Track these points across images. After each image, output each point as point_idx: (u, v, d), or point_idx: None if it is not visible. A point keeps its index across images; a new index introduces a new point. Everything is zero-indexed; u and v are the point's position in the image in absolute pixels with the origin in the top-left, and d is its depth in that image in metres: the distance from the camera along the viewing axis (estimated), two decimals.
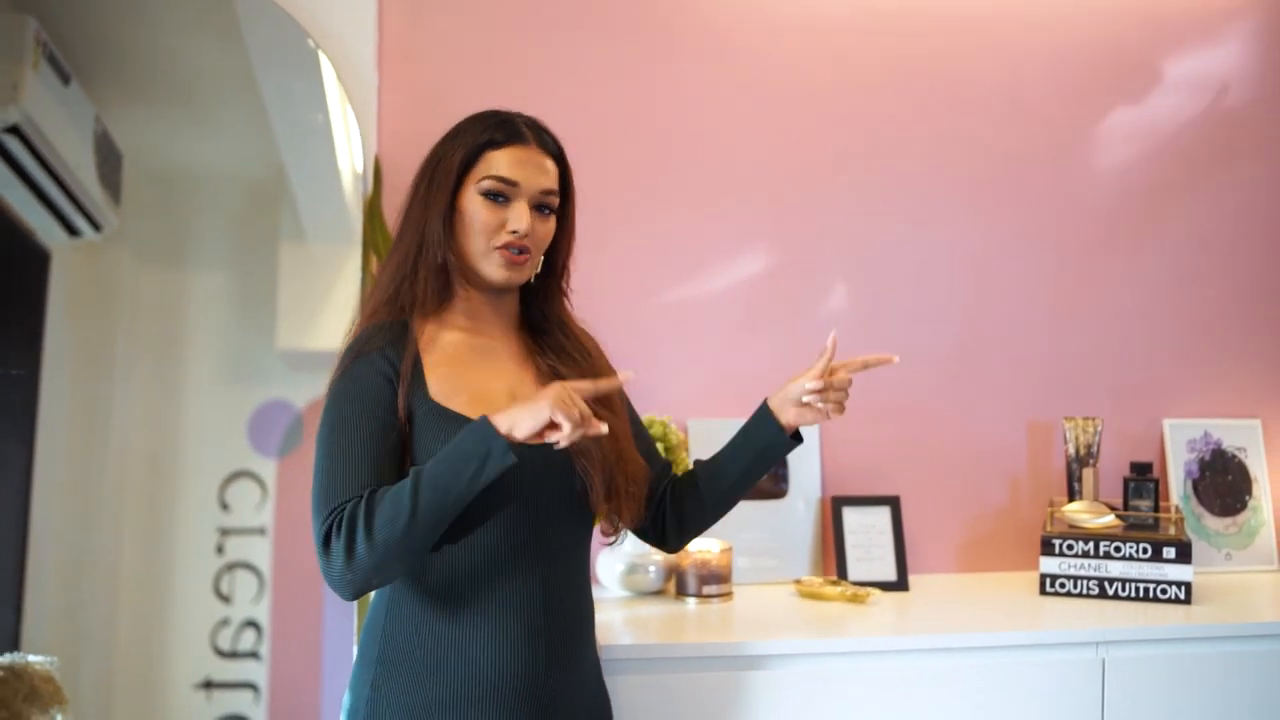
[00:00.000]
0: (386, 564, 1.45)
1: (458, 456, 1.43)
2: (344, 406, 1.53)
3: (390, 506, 1.43)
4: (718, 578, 2.20)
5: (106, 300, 2.46)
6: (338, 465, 1.49)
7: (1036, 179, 2.56)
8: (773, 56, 2.46)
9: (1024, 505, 2.53)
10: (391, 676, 1.55)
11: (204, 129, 2.47)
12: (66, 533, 2.41)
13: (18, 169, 2.33)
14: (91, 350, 2.44)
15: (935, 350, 2.52)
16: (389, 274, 1.64)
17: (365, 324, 1.62)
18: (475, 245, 1.61)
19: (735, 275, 2.45)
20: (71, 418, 2.42)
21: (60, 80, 2.37)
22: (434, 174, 1.62)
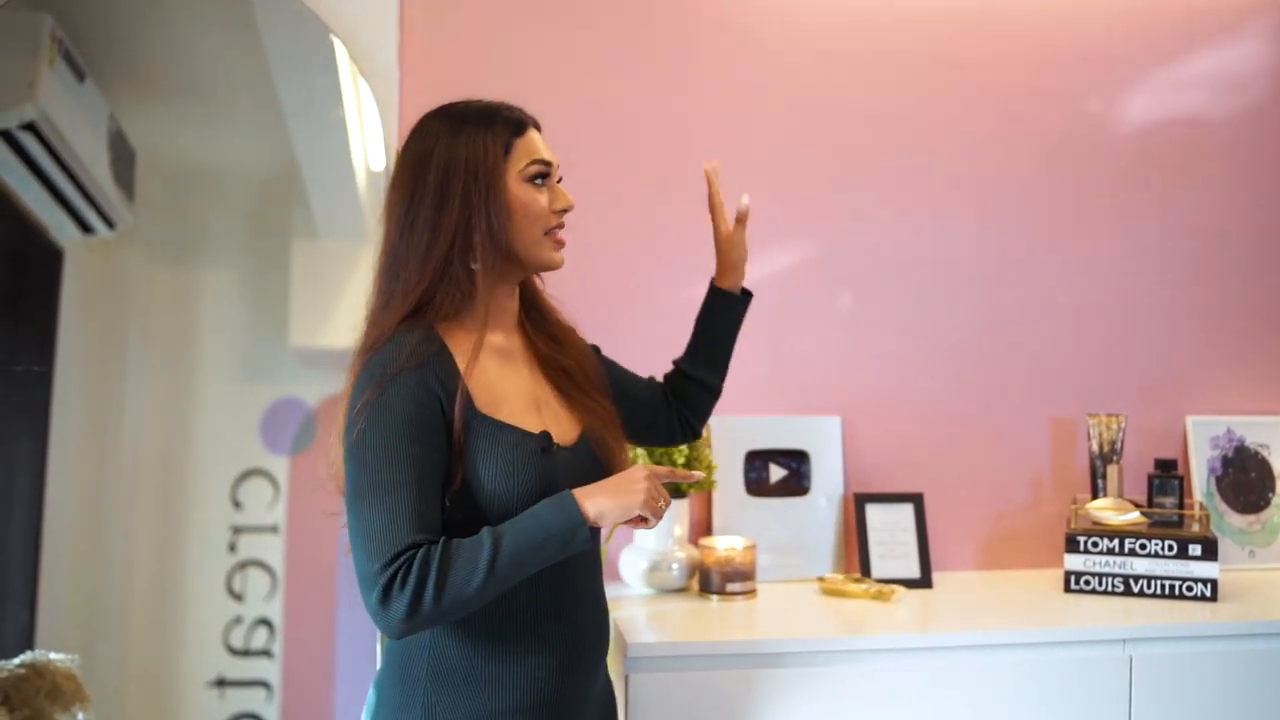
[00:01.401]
0: (444, 619, 1.42)
1: (541, 536, 1.42)
2: (395, 432, 1.43)
3: (464, 569, 1.39)
4: (741, 575, 2.20)
5: (119, 297, 2.46)
6: (396, 503, 1.40)
7: (1059, 174, 2.55)
8: (793, 52, 2.45)
9: (1047, 502, 2.52)
10: (445, 693, 1.50)
11: (218, 126, 2.47)
12: (80, 530, 2.41)
13: (32, 166, 2.33)
14: (104, 347, 2.44)
15: (957, 347, 2.51)
16: (415, 277, 1.53)
17: (389, 334, 1.51)
18: (531, 233, 1.57)
19: (753, 272, 2.38)
20: (84, 415, 2.42)
21: (75, 77, 2.37)
22: (473, 170, 1.53)
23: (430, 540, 1.41)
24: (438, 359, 1.49)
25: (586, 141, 2.38)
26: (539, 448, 1.52)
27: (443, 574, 1.38)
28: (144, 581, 2.43)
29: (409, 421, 1.44)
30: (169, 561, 2.46)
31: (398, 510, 1.40)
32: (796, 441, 2.42)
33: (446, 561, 1.39)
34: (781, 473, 2.41)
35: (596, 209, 2.34)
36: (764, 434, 2.41)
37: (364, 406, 1.44)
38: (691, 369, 1.92)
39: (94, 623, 2.42)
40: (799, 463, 2.42)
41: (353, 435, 1.44)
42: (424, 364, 1.47)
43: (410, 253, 1.53)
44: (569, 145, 2.32)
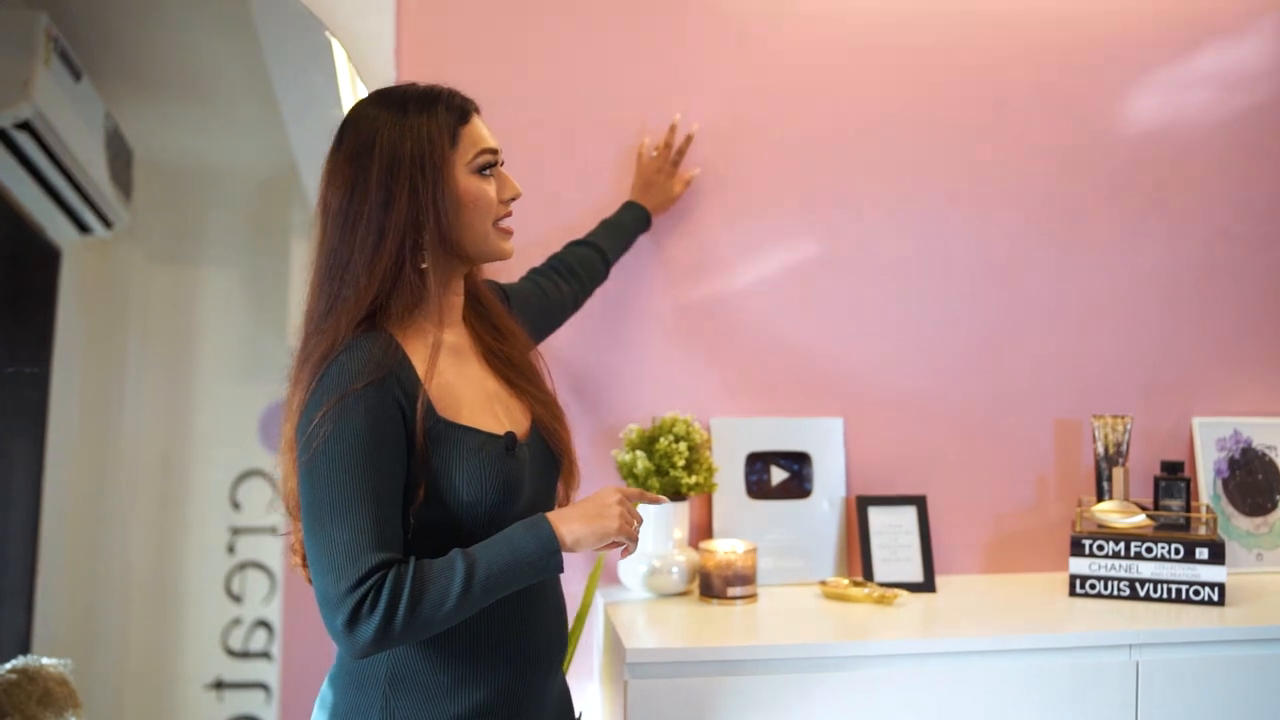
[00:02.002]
0: (410, 641, 1.39)
1: (515, 562, 1.40)
2: (357, 446, 1.37)
3: (436, 593, 1.35)
4: (742, 579, 2.16)
5: (118, 297, 2.45)
6: (360, 520, 1.35)
7: (1064, 173, 2.51)
8: (795, 48, 2.42)
9: (1052, 505, 2.48)
10: (404, 698, 1.47)
11: (216, 124, 2.46)
12: (77, 532, 2.40)
13: (28, 165, 2.31)
14: (102, 348, 2.43)
15: (961, 347, 2.47)
16: (358, 285, 1.45)
17: (343, 342, 1.44)
18: (482, 226, 1.53)
19: (758, 272, 2.40)
20: (82, 416, 2.41)
21: (72, 76, 2.36)
22: (415, 162, 1.46)
23: (396, 559, 1.37)
24: (401, 368, 1.44)
25: (584, 137, 2.35)
26: (503, 448, 1.49)
27: (415, 597, 1.34)
28: (142, 583, 2.42)
29: (372, 435, 1.38)
30: (167, 563, 2.45)
31: (362, 528, 1.35)
32: (798, 443, 2.39)
33: (419, 584, 1.35)
34: (783, 475, 2.38)
35: (594, 203, 2.32)
36: (765, 436, 2.37)
37: (324, 418, 1.37)
38: (614, 258, 2.19)
39: (92, 625, 2.41)
40: (800, 465, 2.39)
41: (311, 450, 1.38)
42: (388, 375, 1.42)
43: (355, 254, 1.45)
44: (567, 141, 2.34)
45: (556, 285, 2.05)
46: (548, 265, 2.11)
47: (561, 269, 2.09)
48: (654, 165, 2.30)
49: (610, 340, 2.34)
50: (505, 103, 2.28)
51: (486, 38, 2.30)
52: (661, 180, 2.30)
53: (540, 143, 2.33)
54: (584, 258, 2.14)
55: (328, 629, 1.35)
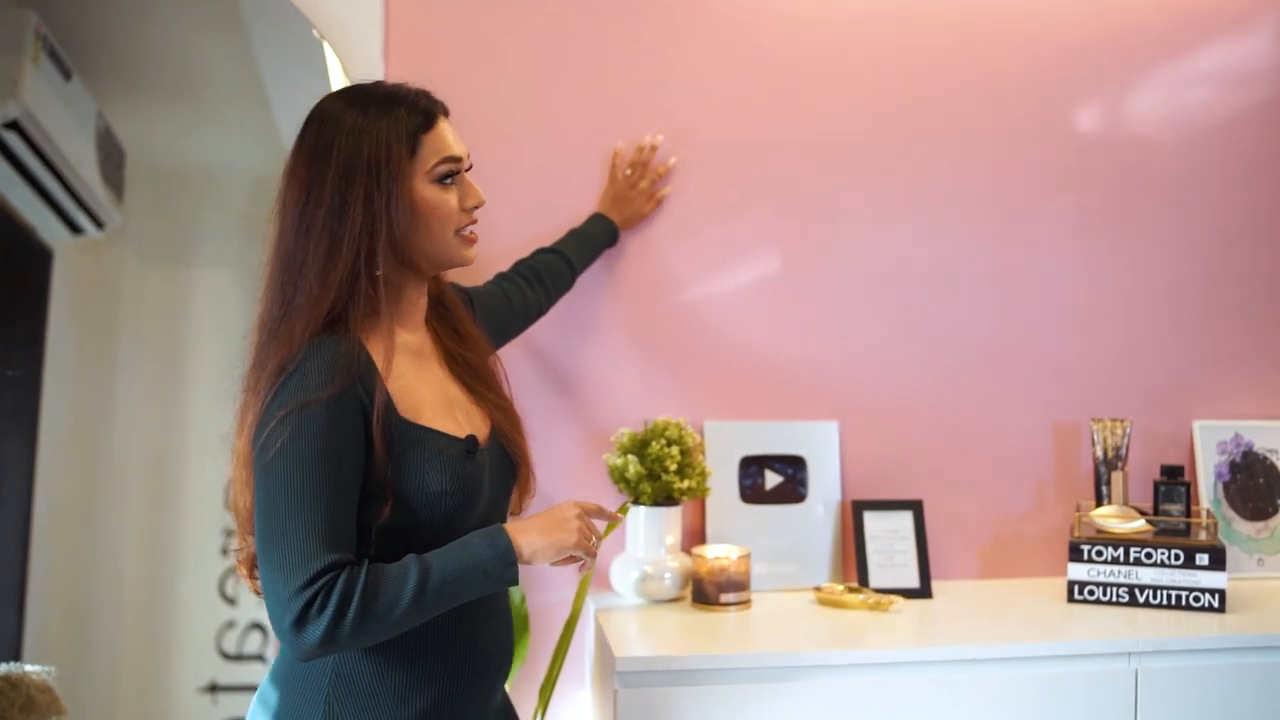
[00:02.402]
0: (357, 645, 1.37)
1: (471, 571, 1.39)
2: (316, 447, 1.35)
3: (388, 598, 1.34)
4: (735, 585, 2.12)
5: (110, 298, 2.45)
6: (313, 520, 1.33)
7: (1061, 175, 2.47)
8: (786, 48, 2.38)
9: (1050, 509, 2.44)
10: (348, 704, 1.44)
11: (209, 125, 2.46)
12: (69, 534, 2.39)
13: (18, 165, 2.29)
14: (95, 349, 2.43)
15: (958, 350, 2.43)
16: (320, 286, 1.42)
17: (299, 348, 1.40)
18: (442, 236, 1.50)
19: (752, 274, 2.37)
20: (74, 418, 2.40)
21: (62, 76, 2.34)
22: (371, 170, 1.42)
23: (349, 560, 1.35)
24: (364, 371, 1.41)
25: (572, 137, 2.31)
26: (464, 450, 1.48)
27: (365, 601, 1.32)
28: (135, 585, 2.41)
29: (332, 442, 1.36)
30: (160, 565, 2.45)
31: (315, 529, 1.33)
32: (793, 447, 2.35)
33: (371, 588, 1.33)
34: (777, 479, 2.34)
35: (581, 203, 2.28)
36: (759, 439, 2.33)
37: (283, 422, 1.35)
38: (580, 267, 2.17)
39: (84, 628, 2.41)
40: (795, 469, 2.35)
41: (268, 454, 1.35)
42: (352, 381, 1.39)
43: (309, 259, 1.42)
44: (555, 141, 2.30)
45: (522, 291, 2.04)
46: (515, 271, 2.09)
47: (529, 275, 2.08)
48: (628, 182, 2.28)
49: (601, 342, 2.30)
50: (492, 103, 2.26)
51: (475, 36, 2.27)
52: (633, 196, 2.28)
53: (526, 143, 2.29)
54: (551, 266, 2.12)
55: (274, 629, 1.33)
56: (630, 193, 2.27)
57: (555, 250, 2.15)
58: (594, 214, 2.25)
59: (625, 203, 2.27)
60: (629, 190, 2.27)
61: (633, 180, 2.27)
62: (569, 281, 2.16)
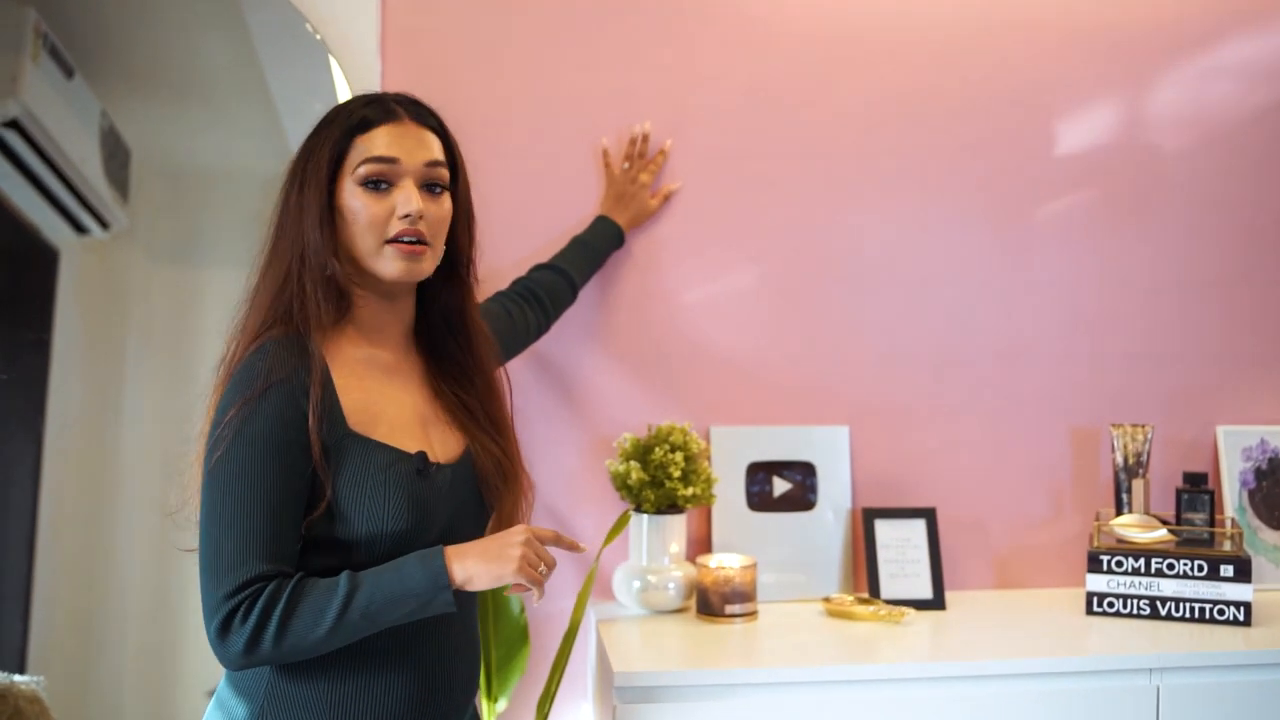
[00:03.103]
0: (286, 660, 1.32)
1: (400, 592, 1.31)
2: (255, 451, 1.31)
3: (310, 615, 1.29)
4: (741, 596, 2.03)
5: (117, 299, 2.40)
6: (249, 528, 1.29)
7: (1077, 174, 2.38)
8: (795, 46, 2.29)
9: (1068, 518, 2.35)
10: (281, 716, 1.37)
11: (214, 123, 2.39)
12: (76, 536, 2.34)
13: (19, 164, 2.25)
14: (102, 350, 2.38)
15: (974, 353, 2.35)
16: (267, 293, 1.42)
17: (253, 344, 1.38)
18: (364, 244, 1.42)
19: (759, 275, 2.29)
20: (81, 419, 2.35)
21: (63, 74, 2.30)
22: (303, 175, 1.42)
23: (282, 572, 1.30)
24: (304, 370, 1.35)
25: (570, 132, 2.24)
26: (414, 469, 1.40)
27: (287, 616, 1.28)
28: (142, 588, 2.35)
29: (271, 440, 1.32)
30: (168, 568, 2.36)
31: (249, 536, 1.29)
32: (802, 453, 2.27)
33: (294, 603, 1.28)
34: (786, 486, 2.26)
35: (581, 198, 2.23)
36: (767, 445, 2.26)
37: (228, 423, 1.32)
38: (580, 281, 2.11)
39: (91, 631, 2.35)
40: (804, 475, 2.27)
41: (213, 457, 1.31)
42: (291, 375, 1.34)
43: (266, 265, 1.44)
44: (553, 136, 2.23)
45: (523, 311, 1.98)
46: (513, 290, 2.03)
47: (527, 295, 2.01)
48: (627, 177, 2.21)
49: (605, 344, 2.23)
50: (489, 104, 2.20)
51: (472, 32, 2.21)
52: (634, 192, 2.21)
53: (524, 145, 2.23)
54: (551, 285, 2.06)
55: (206, 635, 1.31)
56: (632, 188, 2.20)
57: (554, 266, 2.08)
58: (597, 217, 2.18)
59: (628, 200, 2.20)
60: (630, 186, 2.20)
61: (631, 175, 2.20)
62: (570, 298, 2.10)
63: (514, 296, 2.00)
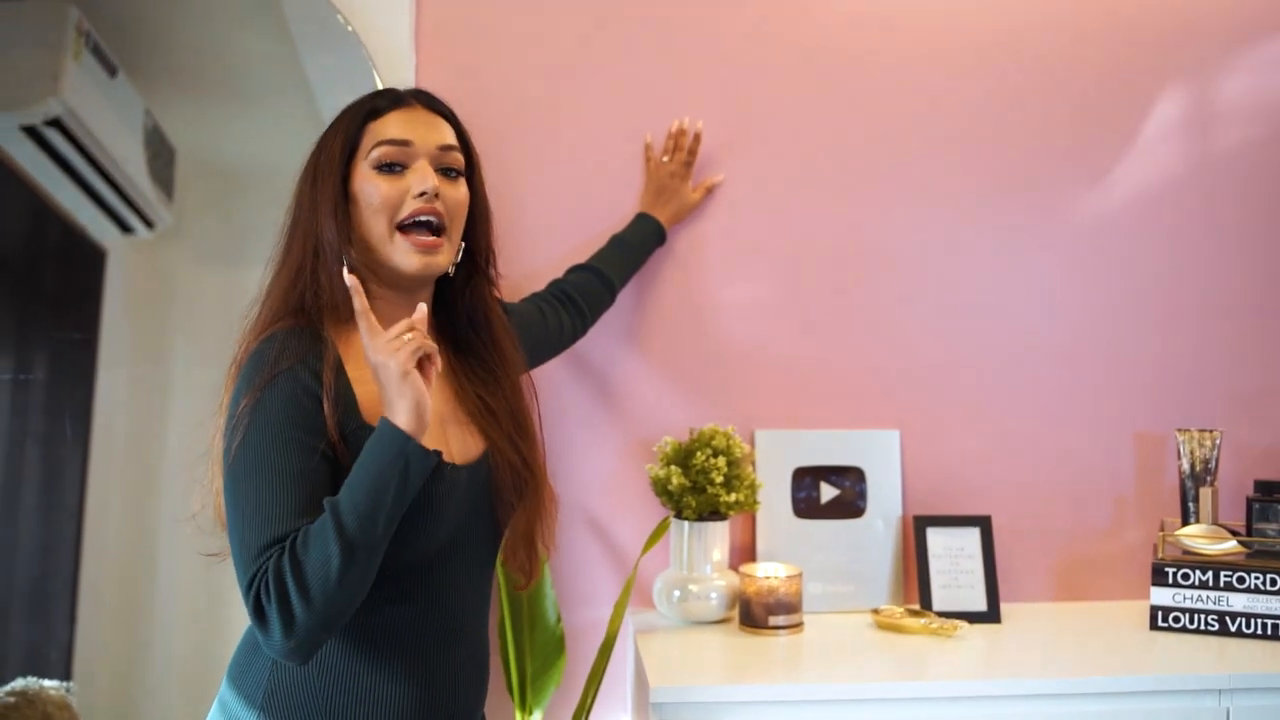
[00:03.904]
0: (331, 618, 1.22)
1: (372, 475, 1.22)
2: (271, 437, 1.26)
3: (317, 556, 1.19)
4: (786, 607, 1.94)
5: (164, 299, 2.39)
6: (265, 514, 1.23)
7: (1142, 164, 2.27)
8: (850, 30, 2.22)
9: (1131, 527, 2.25)
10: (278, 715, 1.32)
11: (258, 120, 2.38)
12: (122, 536, 2.33)
13: (63, 163, 2.25)
14: (148, 350, 2.37)
15: (1032, 353, 2.25)
16: (280, 289, 1.40)
17: (264, 333, 1.35)
18: (378, 229, 1.38)
19: (806, 272, 2.21)
20: (128, 418, 2.34)
21: (106, 72, 2.29)
22: (316, 168, 1.41)
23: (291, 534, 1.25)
24: (316, 356, 1.31)
25: (610, 126, 2.17)
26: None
27: (298, 573, 1.19)
28: (189, 589, 2.34)
29: (285, 424, 1.27)
30: (215, 567, 2.33)
31: (269, 522, 1.22)
32: (850, 457, 2.19)
33: (297, 558, 1.20)
34: (833, 492, 2.18)
35: (621, 195, 2.16)
36: (814, 449, 2.18)
37: (240, 414, 1.28)
38: (619, 282, 2.03)
39: (137, 631, 2.34)
40: (853, 481, 2.19)
41: (231, 447, 1.28)
42: (302, 361, 1.30)
43: (280, 262, 1.44)
44: (592, 130, 2.17)
45: (556, 313, 1.92)
46: (547, 292, 1.96)
47: (562, 298, 1.95)
48: (666, 170, 2.12)
49: (645, 344, 2.16)
50: (527, 96, 2.15)
51: (507, 27, 2.16)
52: (675, 185, 2.12)
53: (560, 137, 2.17)
54: (586, 287, 1.99)
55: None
56: (671, 182, 2.12)
57: (590, 268, 2.01)
58: (637, 215, 2.11)
59: (669, 195, 2.12)
60: (669, 180, 2.11)
61: (671, 167, 2.12)
62: (608, 301, 2.03)
63: (548, 298, 1.94)
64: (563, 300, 1.94)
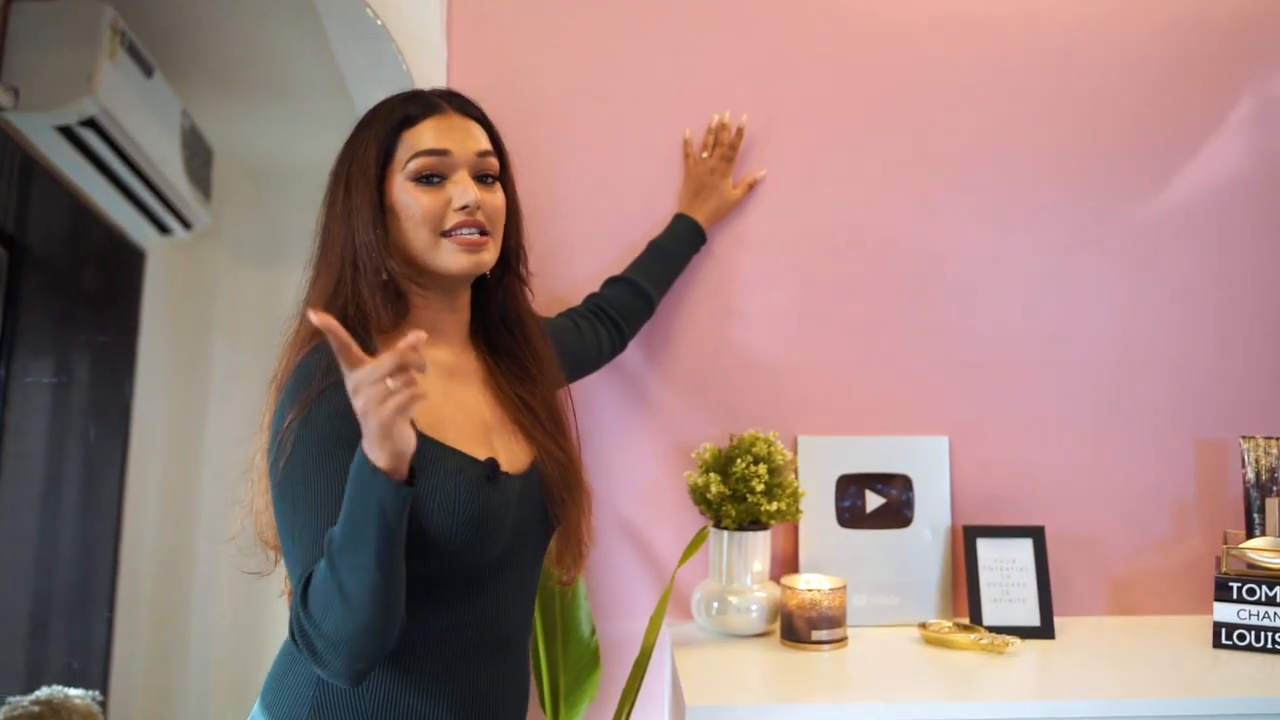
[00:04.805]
0: (362, 648, 1.17)
1: (350, 510, 1.15)
2: (313, 450, 1.23)
3: (321, 595, 1.16)
4: (829, 621, 1.86)
5: (202, 300, 2.39)
6: (310, 531, 1.20)
7: (1200, 166, 2.18)
8: (891, 22, 2.14)
9: (1192, 539, 2.15)
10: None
11: (294, 118, 2.37)
12: (161, 537, 2.33)
13: (99, 164, 2.24)
14: (187, 351, 2.37)
15: (1086, 358, 2.16)
16: (321, 299, 1.37)
17: (309, 347, 1.32)
18: (420, 240, 1.37)
19: (849, 272, 2.14)
20: (167, 419, 2.34)
21: (142, 72, 2.28)
22: (348, 177, 1.39)
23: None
24: None
25: (656, 125, 2.11)
26: (483, 475, 1.33)
27: (307, 610, 1.16)
28: (227, 590, 2.32)
29: (334, 439, 1.24)
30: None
31: (315, 545, 1.19)
32: (897, 465, 2.11)
33: (307, 596, 1.17)
34: (879, 501, 2.10)
35: (660, 197, 2.11)
36: (859, 456, 2.11)
37: (287, 430, 1.25)
38: (657, 293, 1.98)
39: (175, 631, 2.34)
40: (900, 489, 2.11)
41: (278, 466, 1.25)
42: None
43: (316, 275, 1.42)
44: (629, 129, 2.11)
45: (594, 328, 1.88)
46: (584, 307, 1.93)
47: (599, 313, 1.91)
48: (705, 166, 2.06)
49: (683, 346, 2.11)
50: (562, 93, 2.10)
51: (541, 20, 2.11)
52: (715, 182, 2.06)
53: (596, 134, 2.11)
54: (623, 302, 1.94)
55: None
56: (711, 178, 2.05)
57: (627, 280, 1.96)
58: (675, 216, 2.05)
59: (708, 192, 2.05)
60: (708, 177, 2.05)
61: (710, 163, 2.06)
62: (646, 314, 1.98)
63: (584, 314, 1.90)
64: (599, 316, 1.90)
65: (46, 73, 2.17)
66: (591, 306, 1.91)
